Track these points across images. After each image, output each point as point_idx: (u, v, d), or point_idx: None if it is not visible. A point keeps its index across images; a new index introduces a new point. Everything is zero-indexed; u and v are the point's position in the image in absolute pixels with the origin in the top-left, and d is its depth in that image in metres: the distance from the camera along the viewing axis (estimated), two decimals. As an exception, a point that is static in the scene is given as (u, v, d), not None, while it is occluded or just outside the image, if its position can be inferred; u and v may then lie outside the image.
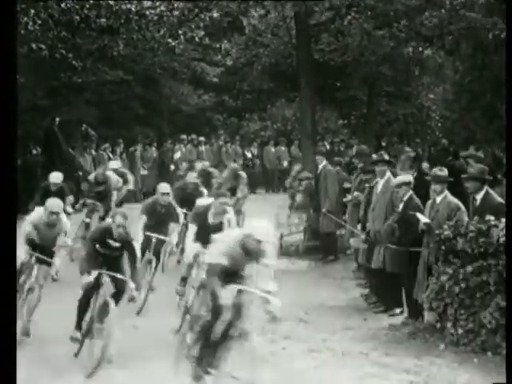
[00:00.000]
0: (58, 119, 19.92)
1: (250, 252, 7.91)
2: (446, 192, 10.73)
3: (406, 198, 11.16)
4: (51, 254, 9.63)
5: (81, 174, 20.40)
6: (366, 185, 12.75)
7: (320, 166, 15.49)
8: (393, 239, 11.21)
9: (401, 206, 11.21)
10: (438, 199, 10.68)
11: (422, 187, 11.77)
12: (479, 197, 10.33)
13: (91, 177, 15.73)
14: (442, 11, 17.78)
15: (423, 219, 10.45)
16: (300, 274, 14.34)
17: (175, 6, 18.43)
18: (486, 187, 10.36)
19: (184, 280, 10.74)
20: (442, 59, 22.53)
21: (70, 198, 13.73)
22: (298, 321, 11.14)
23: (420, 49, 20.92)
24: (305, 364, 9.27)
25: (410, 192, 11.22)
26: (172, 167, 22.41)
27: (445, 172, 10.90)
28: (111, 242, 9.28)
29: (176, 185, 14.63)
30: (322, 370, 9.06)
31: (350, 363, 9.28)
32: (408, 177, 11.55)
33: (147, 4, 17.90)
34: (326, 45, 21.14)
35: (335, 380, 8.80)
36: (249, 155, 23.55)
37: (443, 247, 10.01)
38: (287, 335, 10.33)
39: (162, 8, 18.10)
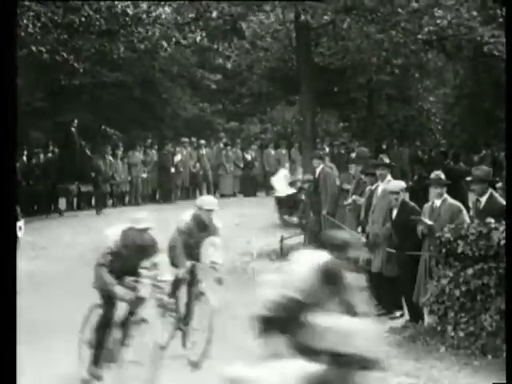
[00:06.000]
0: (76, 121, 19.84)
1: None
2: (446, 195, 10.73)
3: (399, 204, 11.10)
4: None
5: (94, 175, 20.44)
6: (368, 187, 12.71)
7: (318, 170, 15.48)
8: (391, 243, 11.18)
9: (395, 212, 11.15)
10: (438, 202, 10.66)
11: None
12: (483, 199, 10.29)
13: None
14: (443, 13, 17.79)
15: (428, 222, 10.44)
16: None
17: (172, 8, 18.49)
18: (490, 190, 10.33)
19: None
20: (442, 62, 22.53)
21: None
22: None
23: (421, 53, 20.92)
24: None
25: (402, 198, 11.13)
26: (172, 170, 22.35)
27: (443, 175, 10.91)
28: None
29: None
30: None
31: (351, 366, 9.22)
32: (397, 185, 11.41)
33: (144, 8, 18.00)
34: (325, 48, 21.14)
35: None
36: (249, 158, 23.53)
37: (444, 250, 9.98)
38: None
39: (159, 10, 18.15)
